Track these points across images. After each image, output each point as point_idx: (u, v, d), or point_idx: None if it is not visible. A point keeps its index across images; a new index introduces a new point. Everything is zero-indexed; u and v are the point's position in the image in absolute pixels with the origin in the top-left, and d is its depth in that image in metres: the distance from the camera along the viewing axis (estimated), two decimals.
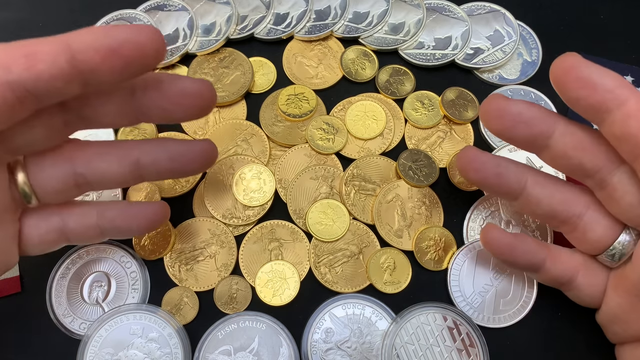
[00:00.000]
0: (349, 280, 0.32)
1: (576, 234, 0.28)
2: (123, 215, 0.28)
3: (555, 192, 0.27)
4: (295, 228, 0.33)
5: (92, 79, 0.21)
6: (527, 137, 0.25)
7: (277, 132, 0.36)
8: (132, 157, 0.26)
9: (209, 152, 0.28)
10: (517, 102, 0.25)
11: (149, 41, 0.21)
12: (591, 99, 0.23)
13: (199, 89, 0.25)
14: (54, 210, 0.27)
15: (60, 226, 0.27)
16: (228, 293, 0.32)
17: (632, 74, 0.38)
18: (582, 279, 0.28)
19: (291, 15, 0.38)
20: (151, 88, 0.24)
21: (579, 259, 0.28)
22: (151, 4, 0.39)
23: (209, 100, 0.25)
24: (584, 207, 0.27)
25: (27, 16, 0.39)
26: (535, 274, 0.29)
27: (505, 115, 0.25)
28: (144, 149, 0.27)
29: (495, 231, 0.29)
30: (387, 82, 0.37)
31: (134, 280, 0.32)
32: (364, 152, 0.35)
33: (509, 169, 0.27)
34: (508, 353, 0.31)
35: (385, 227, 0.33)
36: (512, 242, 0.29)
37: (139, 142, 0.27)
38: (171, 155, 0.27)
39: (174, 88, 0.24)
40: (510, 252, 0.29)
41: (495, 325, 0.31)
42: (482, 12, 0.39)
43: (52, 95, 0.22)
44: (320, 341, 0.30)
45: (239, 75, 0.37)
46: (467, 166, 0.28)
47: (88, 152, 0.26)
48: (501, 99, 0.25)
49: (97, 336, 0.30)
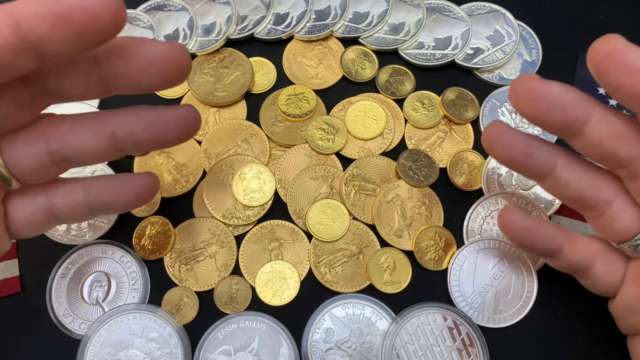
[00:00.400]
0: (349, 280, 0.32)
1: (602, 220, 0.26)
2: (109, 189, 0.27)
3: (584, 176, 0.26)
4: (295, 228, 0.33)
5: (44, 50, 0.20)
6: (561, 123, 0.24)
7: (277, 132, 0.36)
8: (107, 130, 0.24)
9: (189, 119, 0.25)
10: (553, 85, 0.23)
11: (102, 6, 0.19)
12: (636, 87, 0.21)
13: (164, 53, 0.22)
14: (39, 190, 0.26)
15: (47, 206, 0.26)
16: (228, 293, 0.32)
17: None
18: (599, 267, 0.27)
19: (291, 15, 0.38)
20: (115, 55, 0.22)
21: (597, 246, 0.28)
22: (151, 4, 0.39)
23: (179, 65, 0.23)
24: (613, 195, 0.26)
25: None
26: (552, 259, 0.28)
27: (540, 99, 0.23)
28: (119, 120, 0.25)
29: (514, 214, 0.28)
30: (387, 82, 0.37)
31: (134, 280, 0.32)
32: (364, 152, 0.35)
33: (540, 149, 0.26)
34: (508, 353, 0.31)
35: (385, 227, 0.33)
36: (532, 226, 0.27)
37: (114, 112, 0.25)
38: (146, 125, 0.25)
39: (138, 54, 0.22)
40: (529, 236, 0.27)
41: (495, 325, 0.31)
42: (482, 12, 0.39)
43: (4, 70, 0.20)
44: (320, 341, 0.30)
45: (239, 75, 0.37)
46: (495, 142, 0.26)
47: (61, 128, 0.24)
48: (536, 80, 0.23)
49: (97, 336, 0.30)
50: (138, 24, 0.38)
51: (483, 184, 0.34)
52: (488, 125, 0.26)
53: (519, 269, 0.32)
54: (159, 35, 0.37)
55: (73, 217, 0.27)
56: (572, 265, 0.28)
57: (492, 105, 0.37)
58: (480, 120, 0.36)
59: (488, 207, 0.34)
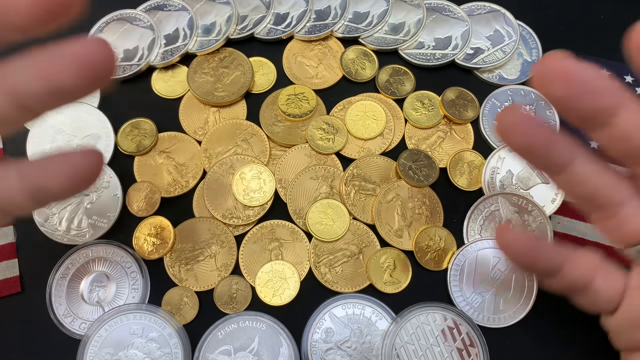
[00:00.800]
0: (349, 280, 0.32)
1: (611, 222, 0.25)
2: (44, 171, 0.22)
3: (602, 175, 0.25)
4: (295, 228, 0.33)
5: None
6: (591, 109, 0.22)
7: (277, 132, 0.36)
8: (6, 87, 0.20)
9: (88, 53, 0.20)
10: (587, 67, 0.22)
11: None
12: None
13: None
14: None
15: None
16: (228, 293, 0.32)
17: (632, 74, 0.38)
18: (600, 282, 0.26)
19: (291, 15, 0.38)
20: None
21: (596, 260, 0.27)
22: (151, 4, 0.39)
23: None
24: (627, 196, 0.25)
25: None
26: (551, 278, 0.27)
27: (574, 80, 0.21)
28: (17, 74, 0.20)
29: (514, 233, 0.26)
30: (387, 82, 0.37)
31: (134, 280, 0.32)
32: (364, 152, 0.35)
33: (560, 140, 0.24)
34: (508, 353, 0.31)
35: (385, 227, 0.33)
36: (534, 245, 0.26)
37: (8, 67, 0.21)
38: (38, 69, 0.20)
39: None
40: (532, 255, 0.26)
41: (495, 325, 0.31)
42: (482, 12, 0.39)
43: None
44: (320, 341, 0.30)
45: (239, 75, 0.37)
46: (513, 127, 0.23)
47: None
48: (569, 60, 0.21)
49: (97, 336, 0.30)
50: (138, 24, 0.38)
51: (483, 184, 0.34)
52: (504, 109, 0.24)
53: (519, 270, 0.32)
54: (159, 35, 0.37)
55: (15, 208, 0.22)
56: (572, 283, 0.27)
57: (492, 105, 0.37)
58: (480, 120, 0.36)
59: (488, 207, 0.34)
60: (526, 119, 0.23)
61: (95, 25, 0.38)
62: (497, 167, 0.35)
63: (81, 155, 0.22)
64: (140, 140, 0.35)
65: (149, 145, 0.35)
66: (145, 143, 0.35)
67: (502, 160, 0.35)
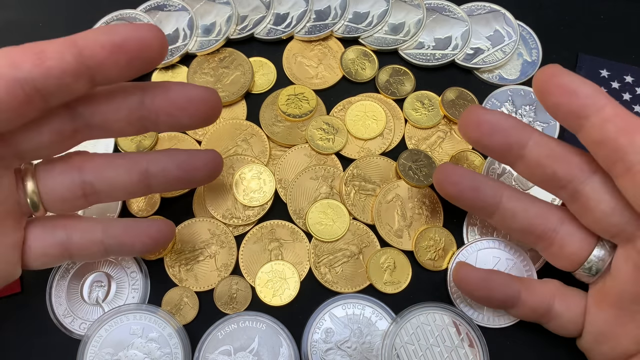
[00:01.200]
0: (349, 280, 0.32)
1: (553, 249, 0.28)
2: (127, 232, 0.28)
3: (530, 206, 0.28)
4: (295, 228, 0.33)
5: (99, 74, 0.22)
6: (504, 145, 0.26)
7: (277, 132, 0.36)
8: (141, 166, 0.27)
9: (216, 161, 0.29)
10: (494, 112, 0.26)
11: (151, 37, 0.22)
12: (572, 104, 0.24)
13: (203, 96, 0.25)
14: (59, 223, 0.27)
15: (64, 240, 0.26)
16: (228, 293, 0.32)
17: (632, 74, 0.38)
18: (559, 306, 0.28)
19: (291, 16, 0.38)
20: (159, 94, 0.25)
21: (553, 286, 0.28)
22: (151, 4, 0.39)
23: (214, 107, 0.26)
24: (558, 221, 0.27)
25: (27, 16, 0.39)
26: (513, 308, 0.29)
27: (483, 124, 0.26)
28: (152, 159, 0.27)
29: (466, 268, 0.29)
30: (387, 82, 0.37)
31: (134, 280, 0.32)
32: (364, 152, 0.35)
33: (486, 184, 0.28)
34: (508, 353, 0.31)
35: (385, 227, 0.33)
36: (486, 276, 0.29)
37: (147, 153, 0.28)
38: (179, 163, 0.27)
39: (180, 94, 0.25)
40: (485, 286, 0.28)
41: (495, 325, 0.31)
42: (482, 12, 0.39)
43: (60, 92, 0.22)
44: (320, 341, 0.30)
45: (239, 75, 0.37)
46: (445, 180, 0.28)
47: (97, 162, 0.26)
48: (480, 109, 0.26)
49: (97, 336, 0.30)
50: None
51: None
52: (437, 167, 0.29)
53: (519, 269, 0.32)
54: None
55: (87, 255, 0.28)
56: (533, 309, 0.28)
57: (492, 105, 0.37)
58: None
59: None
60: (454, 170, 0.28)
61: (95, 25, 0.38)
62: (496, 167, 0.35)
63: (163, 222, 0.29)
64: (140, 140, 0.35)
65: (149, 146, 0.35)
66: (145, 143, 0.35)
67: None
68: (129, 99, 0.25)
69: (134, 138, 0.35)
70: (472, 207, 0.29)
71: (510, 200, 0.28)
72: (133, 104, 0.25)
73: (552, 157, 0.26)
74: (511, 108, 0.37)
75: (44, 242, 0.26)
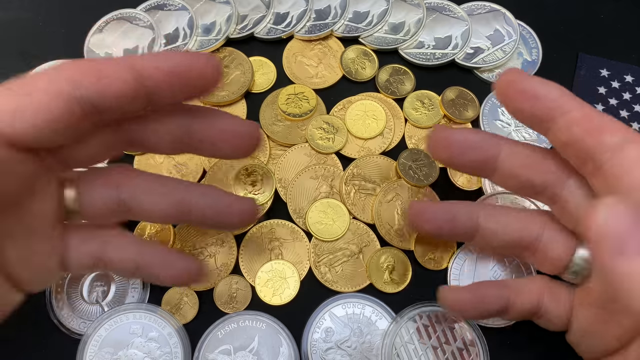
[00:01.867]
0: (349, 280, 0.32)
1: (537, 256, 0.28)
2: (158, 262, 0.27)
3: (509, 220, 0.28)
4: (295, 227, 0.33)
5: (154, 96, 0.23)
6: (476, 162, 0.26)
7: (277, 132, 0.36)
8: (178, 198, 0.26)
9: (252, 211, 0.28)
10: (461, 130, 0.27)
11: (207, 66, 0.23)
12: (535, 109, 0.24)
13: (249, 130, 0.26)
14: (96, 236, 0.26)
15: (98, 252, 0.26)
16: (228, 292, 0.32)
17: (632, 74, 0.38)
18: (548, 302, 0.28)
19: (291, 15, 0.38)
20: (208, 123, 0.25)
21: (541, 283, 0.28)
22: (151, 4, 0.39)
23: (256, 142, 0.26)
24: (540, 228, 0.27)
25: (27, 16, 0.39)
26: (506, 314, 0.29)
27: (453, 144, 0.26)
28: (192, 193, 0.27)
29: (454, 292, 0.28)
30: (387, 82, 0.37)
31: (134, 280, 0.32)
32: (364, 152, 0.35)
33: (460, 210, 0.28)
34: (508, 353, 0.31)
35: (385, 226, 0.33)
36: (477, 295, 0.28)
37: (187, 184, 0.27)
38: (217, 208, 0.27)
39: (229, 127, 0.25)
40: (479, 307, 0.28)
41: (495, 325, 0.31)
42: (482, 11, 0.39)
43: (116, 111, 0.22)
44: (320, 340, 0.30)
45: (239, 75, 0.37)
46: (419, 218, 0.28)
47: (135, 182, 0.26)
48: (446, 130, 0.26)
49: (97, 336, 0.30)
50: (138, 24, 0.38)
51: (483, 183, 0.34)
52: (409, 205, 0.29)
53: (519, 269, 0.32)
54: (159, 35, 0.37)
55: (118, 270, 0.27)
56: (524, 310, 0.28)
57: (492, 105, 0.37)
58: (481, 120, 0.36)
59: None
60: (426, 207, 0.28)
61: (95, 25, 0.38)
62: None
63: (195, 262, 0.28)
64: None
65: None
66: None
67: None
68: (178, 122, 0.25)
69: None
70: (452, 237, 0.29)
71: (488, 221, 0.28)
72: (180, 128, 0.25)
73: (525, 165, 0.26)
74: None
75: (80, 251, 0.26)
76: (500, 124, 0.36)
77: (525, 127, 0.36)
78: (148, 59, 0.22)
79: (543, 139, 0.36)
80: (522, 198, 0.34)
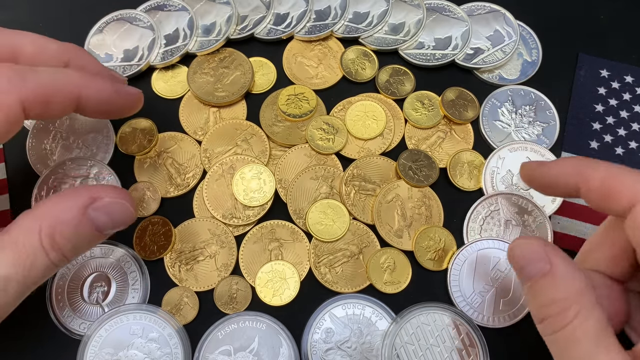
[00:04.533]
0: (349, 280, 0.32)
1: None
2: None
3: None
4: (295, 228, 0.33)
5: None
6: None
7: (277, 132, 0.36)
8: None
9: (137, 93, 0.30)
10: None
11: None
12: (558, 193, 0.28)
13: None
14: None
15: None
16: (228, 293, 0.32)
17: (632, 75, 0.38)
18: None
19: (291, 16, 0.38)
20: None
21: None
22: (151, 4, 0.39)
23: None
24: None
25: (27, 16, 0.39)
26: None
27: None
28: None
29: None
30: (387, 82, 0.37)
31: (134, 280, 0.32)
32: (364, 152, 0.35)
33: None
34: (508, 353, 0.31)
35: (385, 227, 0.33)
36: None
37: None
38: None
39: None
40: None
41: (495, 325, 0.31)
42: (482, 12, 0.39)
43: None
44: (320, 341, 0.30)
45: (239, 75, 0.37)
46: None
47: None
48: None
49: (97, 336, 0.30)
50: (138, 24, 0.38)
51: (483, 184, 0.34)
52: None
53: None
54: (159, 36, 0.37)
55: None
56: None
57: (492, 105, 0.37)
58: (480, 120, 0.36)
59: (488, 207, 0.34)
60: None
61: (96, 25, 0.38)
62: (497, 167, 0.35)
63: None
64: (140, 141, 0.35)
65: (149, 146, 0.35)
66: (146, 143, 0.35)
67: (502, 160, 0.35)
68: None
69: (135, 141, 0.35)
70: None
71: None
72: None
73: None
74: (511, 108, 0.37)
75: None
76: (500, 124, 0.36)
77: (525, 127, 0.36)
78: None
79: (542, 139, 0.36)
80: (523, 198, 0.34)
